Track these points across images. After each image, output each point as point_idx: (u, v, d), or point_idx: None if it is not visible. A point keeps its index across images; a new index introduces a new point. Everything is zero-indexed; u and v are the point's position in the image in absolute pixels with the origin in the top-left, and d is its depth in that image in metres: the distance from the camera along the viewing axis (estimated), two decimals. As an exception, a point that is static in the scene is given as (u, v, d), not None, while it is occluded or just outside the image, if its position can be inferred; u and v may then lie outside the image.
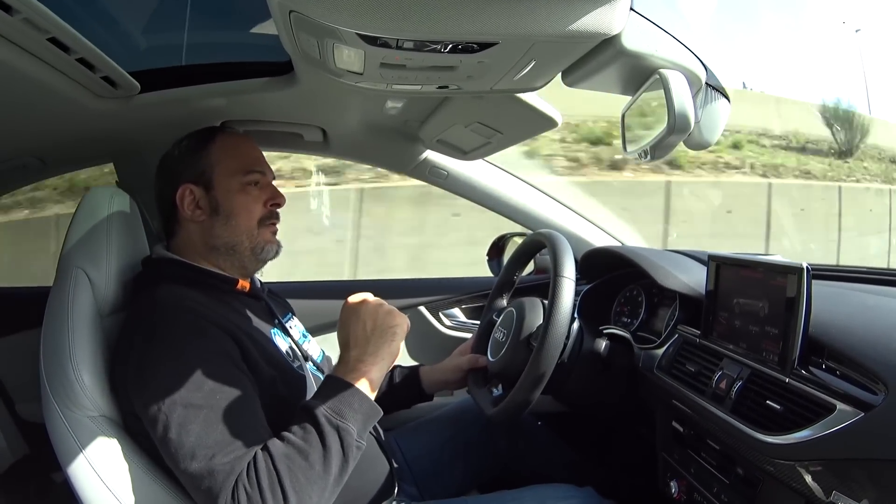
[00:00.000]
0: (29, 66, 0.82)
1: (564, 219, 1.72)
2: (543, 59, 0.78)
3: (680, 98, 0.76)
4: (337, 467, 0.80)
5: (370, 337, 0.90)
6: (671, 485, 1.13)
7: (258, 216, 1.04)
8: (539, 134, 1.26)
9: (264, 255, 1.06)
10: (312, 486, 0.78)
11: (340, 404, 0.83)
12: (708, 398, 0.98)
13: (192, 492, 0.80)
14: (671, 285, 1.21)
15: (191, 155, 1.04)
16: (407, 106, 1.24)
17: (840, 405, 0.77)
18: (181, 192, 1.02)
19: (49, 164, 1.35)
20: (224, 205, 1.02)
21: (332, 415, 0.82)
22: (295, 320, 1.18)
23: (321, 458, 0.79)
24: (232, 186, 1.03)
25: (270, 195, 1.06)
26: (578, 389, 1.21)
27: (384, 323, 0.92)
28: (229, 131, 1.09)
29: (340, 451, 0.80)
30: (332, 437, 0.80)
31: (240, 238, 1.03)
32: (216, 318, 0.91)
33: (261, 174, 1.05)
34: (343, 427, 0.81)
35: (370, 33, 0.66)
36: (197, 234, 1.03)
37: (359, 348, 0.90)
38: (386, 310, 0.94)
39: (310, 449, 0.79)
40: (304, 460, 0.78)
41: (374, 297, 0.96)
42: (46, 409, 0.90)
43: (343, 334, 0.93)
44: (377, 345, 0.90)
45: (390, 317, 0.93)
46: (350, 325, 0.92)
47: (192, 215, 1.02)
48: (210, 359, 0.85)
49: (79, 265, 0.97)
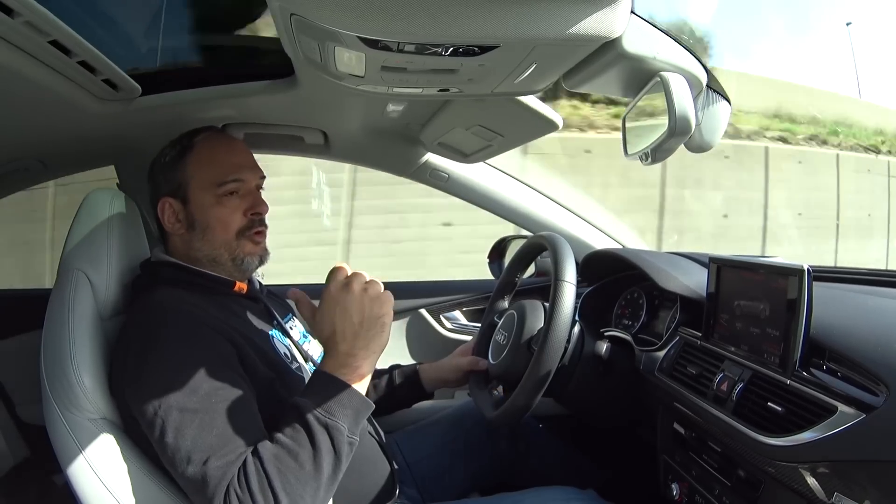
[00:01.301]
0: (30, 69, 0.82)
1: (565, 221, 1.71)
2: (544, 63, 0.78)
3: (681, 101, 0.76)
4: (329, 466, 0.79)
5: (359, 331, 0.84)
6: (672, 487, 1.13)
7: (236, 227, 1.02)
8: (540, 136, 1.26)
9: (245, 267, 1.04)
10: (304, 486, 0.77)
11: (330, 401, 0.81)
12: (709, 400, 0.98)
13: (190, 495, 0.80)
14: (672, 287, 1.21)
15: (169, 167, 1.03)
16: (408, 109, 1.24)
17: (841, 407, 0.77)
18: (161, 205, 1.02)
19: (50, 167, 1.35)
20: (200, 219, 1.01)
21: (321, 412, 0.80)
22: (295, 321, 1.18)
23: (311, 457, 0.78)
24: (207, 200, 1.01)
25: (250, 204, 1.03)
26: (579, 392, 1.21)
27: (372, 313, 0.85)
28: (210, 136, 1.06)
29: (332, 450, 0.79)
30: (322, 436, 0.79)
31: (219, 251, 1.02)
32: (213, 321, 0.91)
33: (239, 182, 1.02)
34: (332, 425, 0.79)
35: (371, 36, 0.66)
36: (180, 246, 1.03)
37: (347, 342, 0.84)
38: (371, 296, 0.86)
39: (299, 449, 0.78)
40: (293, 461, 0.77)
41: (356, 278, 0.87)
42: (47, 412, 0.90)
43: (327, 326, 0.85)
44: (367, 338, 0.85)
45: (377, 304, 0.86)
46: (336, 317, 0.85)
47: (173, 228, 1.02)
48: (206, 362, 0.84)
49: (79, 267, 0.97)
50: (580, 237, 1.70)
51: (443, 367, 1.34)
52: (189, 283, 0.99)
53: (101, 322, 0.97)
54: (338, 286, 0.87)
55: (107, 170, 1.47)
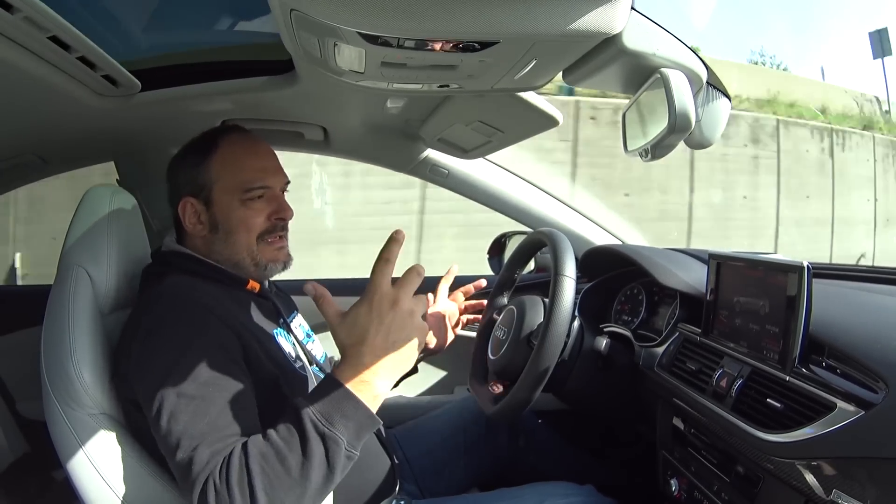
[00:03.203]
0: (30, 65, 0.82)
1: (565, 217, 1.72)
2: (544, 58, 0.78)
3: (681, 97, 0.76)
4: (319, 477, 0.73)
5: (390, 352, 0.77)
6: (671, 483, 1.13)
7: (258, 231, 1.00)
8: (540, 132, 1.26)
9: (269, 273, 1.03)
10: (287, 491, 0.72)
11: (331, 409, 0.75)
12: (708, 396, 0.99)
13: (177, 479, 0.78)
14: (672, 284, 1.21)
15: (192, 167, 1.01)
16: (408, 105, 1.24)
17: (840, 403, 0.77)
18: (182, 205, 1.00)
19: (50, 163, 1.35)
20: (223, 222, 1.00)
21: (319, 419, 0.74)
22: (299, 319, 1.17)
23: (299, 465, 0.72)
24: (232, 204, 0.99)
25: (275, 208, 1.02)
26: (579, 388, 1.21)
27: (410, 340, 0.79)
28: (234, 138, 1.03)
29: (324, 462, 0.73)
30: (316, 445, 0.73)
31: (241, 255, 1.01)
32: (222, 312, 0.90)
33: (264, 188, 1.01)
34: (330, 435, 0.73)
35: (371, 32, 0.66)
36: (200, 246, 1.02)
37: (373, 357, 0.77)
38: (417, 325, 0.79)
39: (289, 454, 0.73)
40: (279, 464, 0.72)
41: (406, 297, 0.78)
42: (47, 407, 0.90)
43: (356, 334, 0.77)
44: (395, 361, 0.78)
45: (418, 333, 0.80)
46: (371, 329, 0.77)
47: (194, 230, 1.01)
48: (209, 352, 0.84)
49: (79, 263, 0.97)
50: (580, 233, 1.71)
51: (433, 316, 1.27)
52: (202, 275, 0.98)
53: (102, 318, 0.97)
54: (388, 300, 0.77)
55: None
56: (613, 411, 1.33)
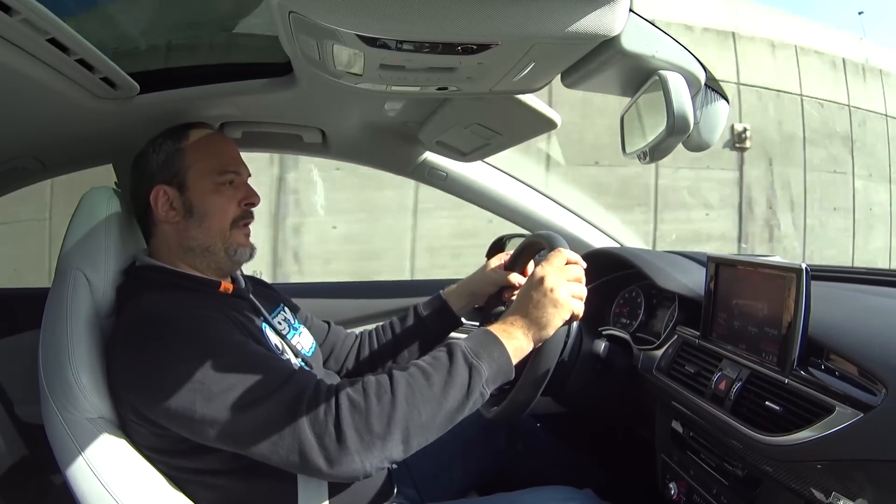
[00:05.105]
0: (28, 67, 0.81)
1: (563, 220, 1.72)
2: (543, 61, 0.78)
3: (679, 99, 0.77)
4: (455, 400, 0.82)
5: (540, 319, 0.92)
6: (670, 486, 1.13)
7: (232, 216, 1.03)
8: (539, 135, 1.26)
9: (238, 258, 1.04)
10: (425, 405, 0.80)
11: (481, 349, 0.86)
12: (707, 399, 0.98)
13: (275, 445, 0.78)
14: (670, 286, 1.21)
15: (165, 155, 1.02)
16: (406, 107, 1.24)
17: (839, 406, 0.77)
18: (155, 192, 1.01)
19: (48, 166, 1.34)
20: (198, 206, 1.01)
21: (469, 353, 0.85)
22: (285, 313, 1.17)
23: (443, 382, 0.82)
24: (206, 187, 1.01)
25: (245, 194, 1.05)
26: (577, 391, 1.21)
27: (545, 306, 0.93)
28: (204, 129, 1.07)
29: (465, 387, 0.83)
30: (462, 370, 0.83)
31: (213, 240, 1.02)
32: (210, 312, 0.90)
33: (235, 174, 1.04)
34: (476, 366, 0.84)
35: (369, 34, 0.66)
36: (172, 236, 1.02)
37: (527, 319, 0.92)
38: (554, 298, 0.93)
39: (434, 373, 0.82)
40: (424, 379, 0.82)
41: (553, 280, 0.94)
42: (45, 411, 0.90)
43: (520, 308, 0.94)
44: (544, 326, 0.92)
45: (552, 304, 0.93)
46: (537, 298, 0.93)
47: (166, 216, 1.01)
48: (223, 326, 0.88)
49: (77, 267, 0.97)
50: (578, 236, 1.70)
51: (473, 281, 1.31)
52: (175, 287, 0.98)
53: (100, 321, 0.97)
54: (567, 276, 0.96)
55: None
56: (612, 414, 1.32)
